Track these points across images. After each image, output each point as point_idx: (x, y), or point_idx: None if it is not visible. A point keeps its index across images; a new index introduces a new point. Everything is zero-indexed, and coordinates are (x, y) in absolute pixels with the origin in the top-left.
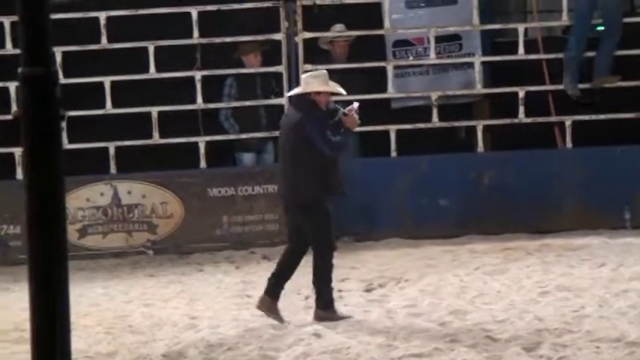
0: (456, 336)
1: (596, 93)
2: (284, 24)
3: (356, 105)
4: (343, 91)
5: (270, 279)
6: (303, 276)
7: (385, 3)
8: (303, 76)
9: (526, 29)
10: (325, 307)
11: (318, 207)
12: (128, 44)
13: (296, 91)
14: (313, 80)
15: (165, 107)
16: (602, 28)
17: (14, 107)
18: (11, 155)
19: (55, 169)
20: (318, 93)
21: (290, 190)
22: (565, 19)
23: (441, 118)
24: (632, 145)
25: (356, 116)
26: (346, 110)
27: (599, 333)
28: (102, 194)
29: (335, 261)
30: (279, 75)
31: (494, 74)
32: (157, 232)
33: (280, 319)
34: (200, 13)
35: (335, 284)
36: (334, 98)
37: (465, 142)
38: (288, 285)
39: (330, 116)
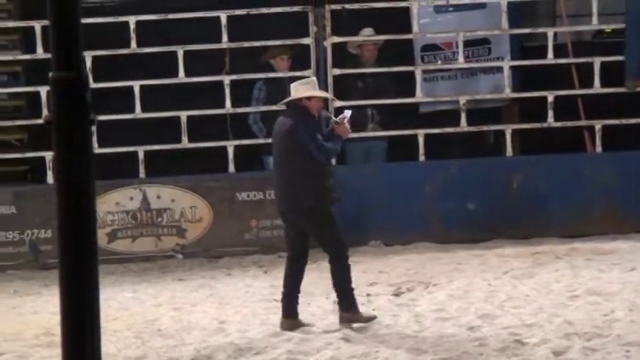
0: (485, 340)
1: None
2: (313, 28)
3: (347, 113)
4: (333, 97)
5: (282, 300)
6: (330, 279)
7: (414, 7)
8: (292, 84)
9: (555, 33)
10: (348, 309)
11: (323, 211)
12: (157, 49)
13: (286, 100)
14: (303, 87)
15: (194, 112)
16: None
17: (45, 112)
18: (42, 159)
19: (85, 174)
20: (309, 99)
21: (292, 196)
22: (595, 24)
23: (470, 123)
24: None
25: (347, 125)
26: (338, 119)
27: (630, 337)
28: (131, 198)
29: (364, 265)
30: None
31: (523, 78)
32: (186, 237)
33: (307, 325)
34: (229, 18)
35: (363, 288)
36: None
37: (494, 147)
38: (316, 289)
39: (324, 124)
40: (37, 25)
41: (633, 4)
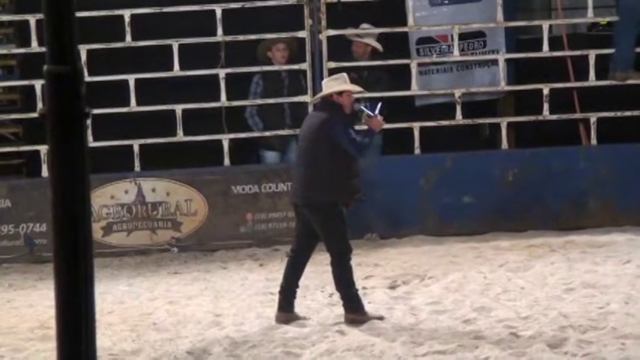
0: (480, 333)
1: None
2: (308, 22)
3: (379, 106)
4: (363, 90)
5: (280, 293)
6: (326, 273)
7: (409, 0)
8: (323, 81)
9: (551, 26)
10: (354, 310)
11: (331, 210)
12: (152, 42)
13: (318, 95)
14: (333, 83)
15: (190, 105)
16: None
17: (40, 105)
18: (37, 153)
19: (80, 167)
20: (340, 94)
21: (309, 190)
22: (590, 16)
23: (465, 116)
24: None
25: (380, 118)
26: (370, 111)
27: (625, 329)
28: (126, 192)
29: (359, 259)
30: (304, 72)
31: (518, 71)
32: (181, 230)
33: (303, 318)
34: (224, 11)
35: (359, 282)
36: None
37: (489, 140)
38: (311, 282)
39: (355, 118)
40: (32, 19)
41: None
